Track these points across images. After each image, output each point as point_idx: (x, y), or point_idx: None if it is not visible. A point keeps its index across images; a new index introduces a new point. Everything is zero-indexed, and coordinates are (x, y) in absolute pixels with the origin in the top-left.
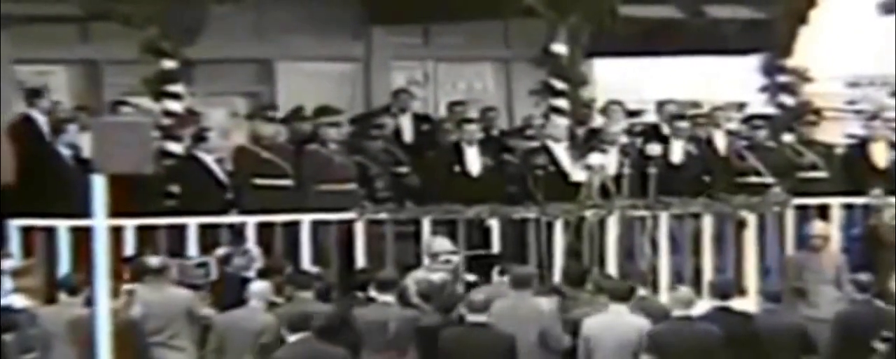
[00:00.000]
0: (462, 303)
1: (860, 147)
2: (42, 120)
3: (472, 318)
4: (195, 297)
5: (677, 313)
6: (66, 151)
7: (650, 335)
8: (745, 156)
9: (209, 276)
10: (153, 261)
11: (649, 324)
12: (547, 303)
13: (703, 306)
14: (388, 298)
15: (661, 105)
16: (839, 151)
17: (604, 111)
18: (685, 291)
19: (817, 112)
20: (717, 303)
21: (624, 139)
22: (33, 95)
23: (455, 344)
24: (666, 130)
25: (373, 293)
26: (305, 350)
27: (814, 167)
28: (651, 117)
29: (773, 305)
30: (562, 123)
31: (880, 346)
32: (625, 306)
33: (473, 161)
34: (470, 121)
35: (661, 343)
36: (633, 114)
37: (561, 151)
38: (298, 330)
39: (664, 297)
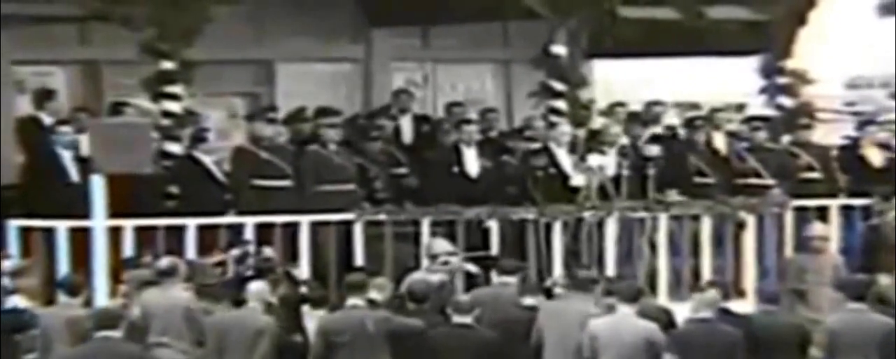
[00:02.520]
0: (450, 304)
1: (855, 148)
2: (49, 121)
3: (458, 319)
4: (194, 299)
5: (701, 314)
6: (65, 152)
7: (673, 335)
8: (745, 157)
9: (225, 275)
10: (162, 263)
11: (656, 327)
12: (595, 309)
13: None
14: (358, 301)
15: (649, 106)
16: (836, 152)
17: (608, 113)
18: (712, 293)
19: (811, 114)
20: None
21: (623, 140)
22: (43, 97)
23: (439, 345)
24: (656, 130)
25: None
26: (104, 348)
27: (810, 169)
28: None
29: (770, 306)
30: (567, 130)
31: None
32: (633, 307)
33: (472, 162)
34: (468, 122)
35: (684, 343)
36: (632, 115)
37: (562, 152)
38: (104, 328)
39: (663, 297)
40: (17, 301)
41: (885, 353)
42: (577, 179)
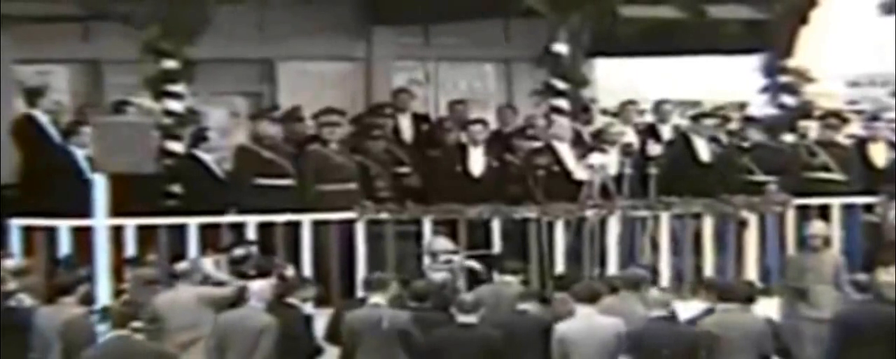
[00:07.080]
0: (454, 303)
1: (859, 147)
2: (44, 119)
3: (462, 318)
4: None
5: (656, 313)
6: (79, 152)
7: (629, 336)
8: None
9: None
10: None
11: (622, 322)
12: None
13: (700, 306)
14: (380, 299)
15: (657, 105)
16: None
17: (619, 113)
18: (658, 292)
19: (837, 114)
20: (712, 303)
21: (626, 139)
22: (35, 94)
23: (443, 344)
24: (663, 129)
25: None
26: (119, 346)
27: (825, 169)
28: (648, 117)
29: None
30: (565, 123)
31: None
32: (593, 307)
33: (477, 162)
34: (476, 122)
35: (641, 344)
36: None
37: (565, 150)
38: (120, 326)
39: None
40: (18, 300)
41: None
42: (580, 174)
